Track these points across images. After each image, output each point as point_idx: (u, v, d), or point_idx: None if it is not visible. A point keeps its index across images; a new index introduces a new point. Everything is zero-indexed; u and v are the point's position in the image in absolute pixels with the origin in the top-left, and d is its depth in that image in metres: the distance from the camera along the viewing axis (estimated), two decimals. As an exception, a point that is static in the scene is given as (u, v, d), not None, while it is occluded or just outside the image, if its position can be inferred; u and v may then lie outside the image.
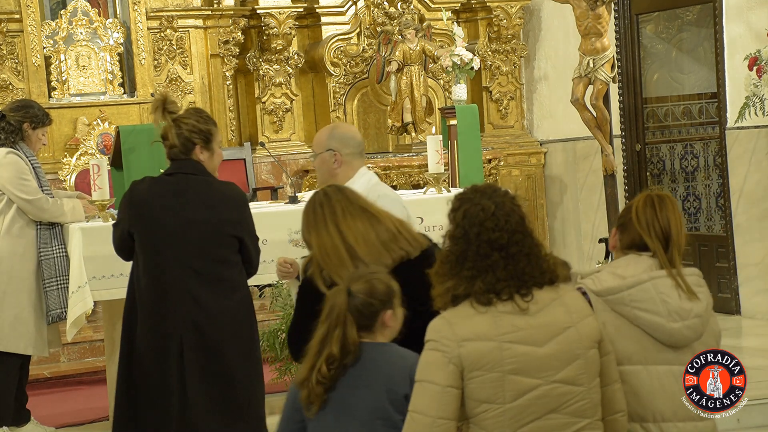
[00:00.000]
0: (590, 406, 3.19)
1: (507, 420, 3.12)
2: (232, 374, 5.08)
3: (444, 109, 9.13)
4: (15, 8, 9.29)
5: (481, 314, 3.14)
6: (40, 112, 6.68)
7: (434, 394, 3.13)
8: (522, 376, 3.12)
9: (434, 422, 3.12)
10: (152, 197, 5.18)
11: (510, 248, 3.17)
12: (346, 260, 4.18)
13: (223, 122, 10.06)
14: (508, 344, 3.12)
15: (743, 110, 8.64)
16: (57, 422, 6.88)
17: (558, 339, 3.16)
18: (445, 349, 3.13)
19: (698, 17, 9.87)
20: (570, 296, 3.25)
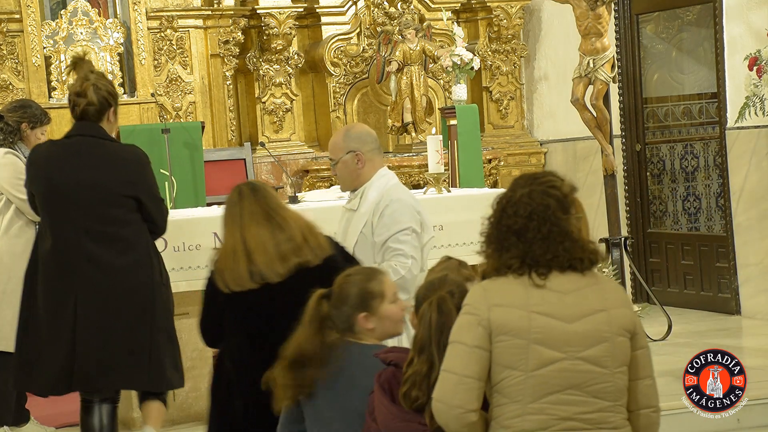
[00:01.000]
0: (613, 390, 3.26)
1: (528, 389, 3.22)
2: (128, 329, 5.20)
3: (444, 109, 9.13)
4: (15, 8, 9.29)
5: (516, 285, 3.29)
6: (38, 111, 6.67)
7: (462, 354, 3.26)
8: (546, 347, 3.22)
9: (461, 380, 3.24)
10: (48, 159, 5.33)
11: (526, 233, 3.31)
12: (241, 265, 4.35)
13: (223, 122, 10.06)
14: (537, 315, 3.24)
15: (743, 110, 8.64)
16: (57, 422, 6.88)
17: (587, 319, 3.26)
18: (476, 312, 3.28)
19: (698, 17, 9.87)
20: (610, 285, 3.37)
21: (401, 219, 4.97)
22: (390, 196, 5.05)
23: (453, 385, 3.25)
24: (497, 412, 3.28)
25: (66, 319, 5.21)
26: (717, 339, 7.84)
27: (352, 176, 5.11)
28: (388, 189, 5.08)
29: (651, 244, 9.86)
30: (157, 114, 9.59)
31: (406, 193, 5.21)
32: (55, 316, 5.24)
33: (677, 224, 10.02)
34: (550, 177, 3.42)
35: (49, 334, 5.24)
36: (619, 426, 3.29)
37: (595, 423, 3.25)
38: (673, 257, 9.59)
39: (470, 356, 3.25)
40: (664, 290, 9.56)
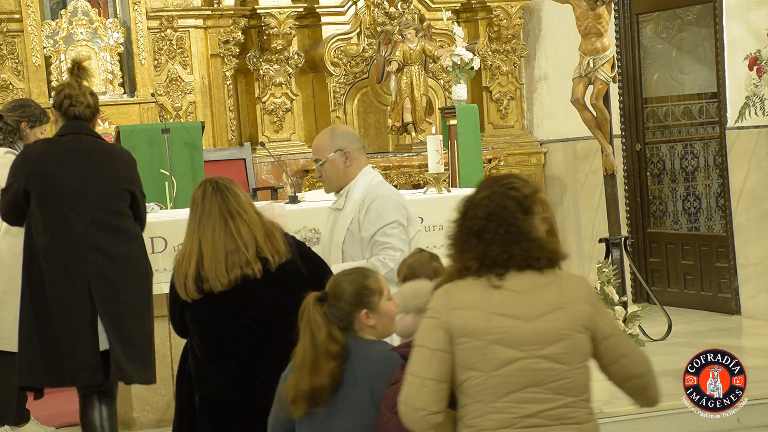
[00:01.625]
0: (573, 386, 3.33)
1: (489, 388, 3.29)
2: (133, 317, 5.42)
3: (444, 109, 9.13)
4: (15, 8, 9.29)
5: (477, 287, 3.35)
6: (37, 110, 6.67)
7: (425, 357, 3.33)
8: (505, 347, 3.28)
9: (423, 383, 3.31)
10: (48, 155, 5.50)
11: (485, 234, 3.38)
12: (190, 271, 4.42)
13: (223, 122, 10.06)
14: (496, 315, 3.30)
15: (743, 110, 8.64)
16: (57, 422, 6.88)
17: (546, 317, 3.32)
18: (437, 315, 3.35)
19: (698, 17, 9.87)
20: (569, 282, 3.44)
21: (387, 213, 5.03)
22: (375, 192, 5.11)
23: (416, 388, 3.32)
24: (462, 412, 3.35)
25: (84, 309, 5.35)
26: (717, 339, 7.84)
27: (340, 175, 5.16)
28: (372, 186, 5.14)
29: (651, 244, 9.86)
30: (157, 114, 9.59)
31: (390, 189, 5.29)
32: (69, 307, 5.35)
33: (677, 224, 10.02)
34: (511, 179, 3.49)
35: (68, 326, 5.35)
36: (583, 420, 3.36)
37: (558, 419, 3.31)
38: (673, 257, 9.59)
39: (431, 359, 3.32)
40: (664, 290, 9.56)
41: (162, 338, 6.52)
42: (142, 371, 5.49)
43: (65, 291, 5.37)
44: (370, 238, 5.00)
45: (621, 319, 7.65)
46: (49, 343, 5.39)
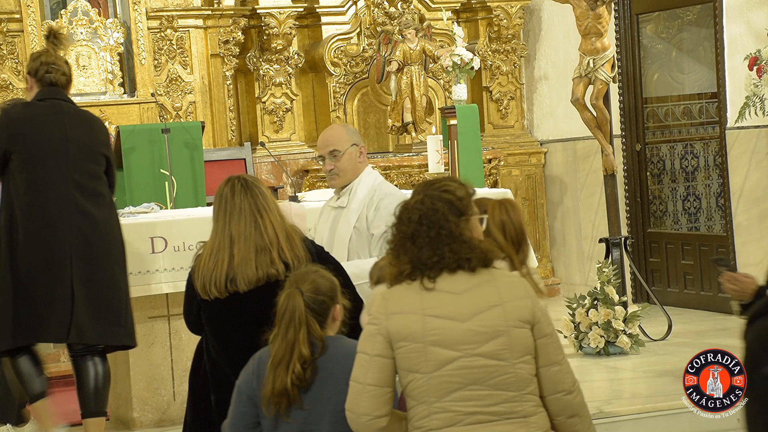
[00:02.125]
0: (514, 381, 3.38)
1: (431, 389, 3.36)
2: (111, 281, 5.51)
3: (444, 109, 9.12)
4: (15, 8, 9.29)
5: (413, 291, 3.43)
6: None
7: (365, 363, 3.43)
8: (442, 347, 3.36)
9: (364, 388, 3.40)
10: (30, 117, 5.59)
11: (417, 238, 3.45)
12: (219, 268, 4.40)
13: (223, 122, 10.06)
14: (431, 318, 3.38)
15: (743, 110, 8.63)
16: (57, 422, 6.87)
17: (481, 316, 3.38)
18: (376, 322, 3.44)
19: (698, 17, 9.87)
20: (504, 279, 3.49)
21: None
22: (383, 190, 5.14)
23: (357, 393, 3.41)
24: (410, 414, 3.42)
25: (64, 268, 5.42)
26: (717, 339, 7.84)
27: (354, 169, 5.19)
28: (377, 185, 5.18)
29: (651, 244, 9.86)
30: (157, 114, 9.59)
31: (395, 188, 5.36)
32: (50, 267, 5.43)
33: (677, 224, 10.01)
34: (446, 182, 3.56)
35: (49, 285, 5.43)
36: (530, 414, 3.41)
37: (502, 414, 3.37)
38: (673, 257, 9.59)
39: (371, 365, 3.41)
40: (664, 290, 9.56)
41: (162, 338, 6.52)
42: (113, 332, 5.53)
43: (46, 250, 5.43)
44: (380, 235, 5.01)
45: (621, 319, 7.65)
46: (28, 302, 5.44)
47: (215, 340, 4.51)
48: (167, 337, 6.48)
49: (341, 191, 5.26)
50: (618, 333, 7.62)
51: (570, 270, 10.50)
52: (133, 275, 6.23)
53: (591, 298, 7.74)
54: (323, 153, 5.24)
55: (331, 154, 5.19)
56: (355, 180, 5.19)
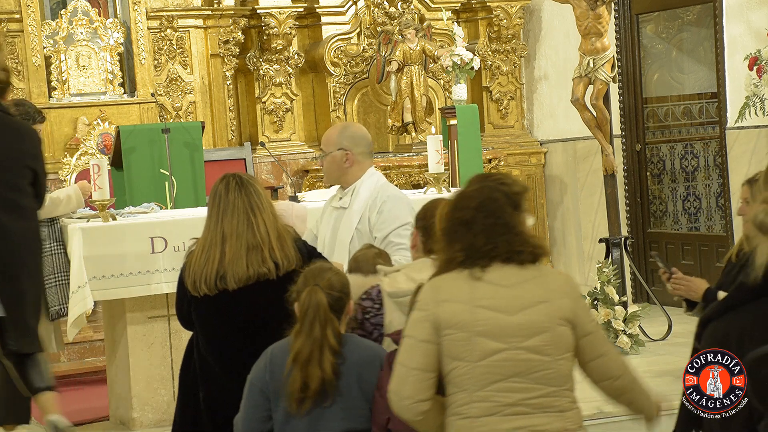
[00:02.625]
0: (555, 376, 3.45)
1: (474, 378, 3.42)
2: (23, 294, 5.49)
3: (444, 109, 9.12)
4: (15, 8, 9.28)
5: (463, 280, 3.47)
6: (31, 109, 6.72)
7: (412, 348, 3.47)
8: (488, 338, 3.42)
9: (410, 372, 3.44)
10: None
11: (473, 225, 3.48)
12: (210, 264, 4.39)
13: (223, 122, 10.06)
14: (480, 308, 3.43)
15: (743, 110, 8.64)
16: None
17: (528, 311, 3.44)
18: (425, 308, 3.48)
19: (698, 17, 9.87)
20: (552, 277, 3.55)
21: (401, 214, 5.06)
22: (386, 192, 5.14)
23: (403, 377, 3.46)
24: (450, 400, 3.48)
25: None
26: (717, 339, 7.83)
27: (337, 173, 5.20)
28: (380, 187, 5.17)
29: (651, 244, 9.85)
30: (157, 114, 9.59)
31: (397, 190, 5.35)
32: None
33: (677, 224, 10.02)
34: (501, 175, 3.62)
35: None
36: (566, 409, 3.48)
37: (541, 407, 3.44)
38: (673, 257, 9.59)
39: (418, 349, 3.45)
40: (664, 290, 9.55)
41: (162, 338, 6.52)
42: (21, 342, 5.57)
43: None
44: (383, 238, 5.02)
45: (621, 319, 7.65)
46: None
47: (204, 336, 4.53)
48: (167, 337, 6.49)
49: (343, 191, 5.26)
50: (618, 333, 7.62)
51: (570, 270, 10.50)
52: (133, 275, 6.24)
53: (591, 298, 7.74)
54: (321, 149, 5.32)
55: (321, 152, 5.25)
56: (357, 181, 5.19)
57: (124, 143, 7.64)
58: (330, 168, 5.21)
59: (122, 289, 6.34)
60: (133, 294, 6.38)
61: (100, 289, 6.26)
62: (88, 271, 6.21)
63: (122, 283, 6.31)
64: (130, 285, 6.31)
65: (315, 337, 3.81)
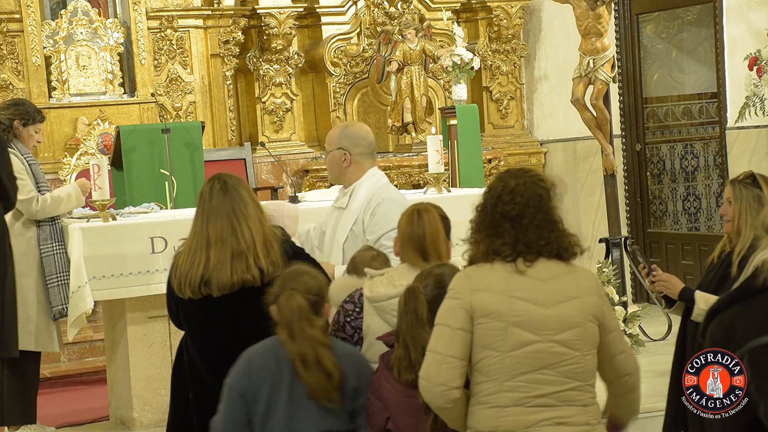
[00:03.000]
0: (582, 371, 3.50)
1: (504, 368, 3.44)
2: None
3: (444, 109, 9.12)
4: (15, 8, 9.28)
5: (497, 271, 3.50)
6: (31, 109, 6.70)
7: (446, 335, 3.48)
8: (523, 329, 3.44)
9: (444, 359, 3.46)
10: None
11: (522, 220, 3.50)
12: (195, 268, 4.34)
13: (223, 122, 10.06)
14: (516, 300, 3.46)
15: (743, 110, 8.64)
16: (57, 422, 6.88)
17: (562, 305, 3.48)
18: (459, 296, 3.49)
19: (698, 17, 9.87)
20: (583, 274, 3.59)
21: (393, 217, 5.01)
22: (381, 194, 5.11)
23: (437, 364, 3.46)
24: (476, 389, 3.50)
25: None
26: (717, 339, 7.82)
27: (337, 172, 5.20)
28: (378, 188, 5.13)
29: (651, 244, 9.86)
30: (157, 114, 9.58)
31: (396, 192, 5.31)
32: None
33: (677, 224, 10.02)
34: (535, 172, 3.65)
35: None
36: (588, 404, 3.53)
37: (566, 400, 3.48)
38: (673, 257, 9.59)
39: (453, 337, 3.46)
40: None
41: (162, 338, 6.52)
42: None
43: None
44: (375, 241, 4.99)
45: (621, 319, 7.65)
46: None
47: (191, 338, 4.53)
48: (167, 337, 6.48)
49: (344, 191, 5.25)
50: (618, 333, 7.61)
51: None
52: (133, 275, 6.24)
53: (591, 298, 7.73)
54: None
55: (325, 150, 5.25)
56: (356, 182, 5.18)
57: (124, 143, 7.64)
58: (330, 167, 5.22)
59: (122, 289, 6.33)
60: (133, 294, 6.37)
61: (100, 289, 6.26)
62: (88, 271, 6.21)
63: (122, 283, 6.31)
64: (130, 285, 6.31)
65: (309, 337, 3.82)
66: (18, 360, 6.40)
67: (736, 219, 4.69)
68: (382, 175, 5.28)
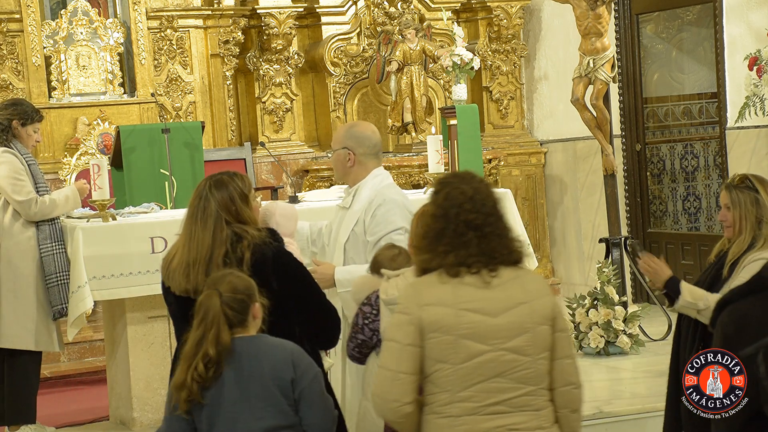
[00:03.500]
0: (534, 375, 3.50)
1: (457, 379, 3.45)
2: None
3: (444, 109, 9.12)
4: (15, 8, 9.28)
5: (444, 284, 3.49)
6: (28, 108, 6.71)
7: (396, 351, 3.48)
8: (473, 341, 3.45)
9: (396, 376, 3.47)
10: None
11: (484, 228, 3.50)
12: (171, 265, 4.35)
13: (223, 122, 10.06)
14: (465, 312, 3.45)
15: (743, 110, 8.64)
16: (57, 422, 6.88)
17: (511, 312, 3.48)
18: (408, 311, 3.49)
19: (698, 17, 9.87)
20: (530, 277, 3.58)
21: (394, 219, 5.00)
22: (383, 195, 5.08)
23: (389, 381, 3.47)
24: (429, 399, 3.50)
25: None
26: (717, 339, 7.82)
27: (341, 171, 5.19)
28: (381, 189, 5.11)
29: (651, 244, 9.86)
30: (157, 114, 9.59)
31: (399, 193, 5.24)
32: None
33: (677, 224, 10.02)
34: (479, 176, 3.62)
35: None
36: (542, 407, 3.53)
37: (519, 406, 3.49)
38: (673, 257, 9.59)
39: (403, 353, 3.46)
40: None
41: (162, 338, 6.53)
42: None
43: None
44: (375, 243, 4.96)
45: (621, 319, 7.65)
46: None
47: (176, 330, 4.58)
48: (167, 337, 6.49)
49: (349, 191, 5.23)
50: (618, 333, 7.62)
51: (570, 270, 10.50)
52: (133, 275, 6.24)
53: (591, 298, 7.74)
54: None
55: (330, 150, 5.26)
56: (360, 182, 5.16)
57: (124, 143, 7.64)
58: (335, 166, 5.22)
59: (122, 289, 6.34)
60: (133, 294, 6.38)
61: (100, 289, 6.26)
62: (88, 271, 6.21)
63: (122, 283, 6.31)
64: (130, 285, 6.31)
65: (196, 338, 3.87)
66: (18, 359, 6.41)
67: (737, 224, 4.68)
68: (386, 175, 5.25)
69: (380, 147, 5.27)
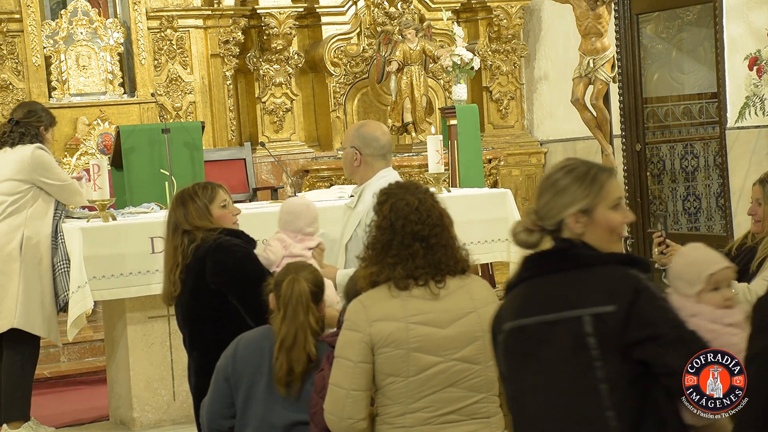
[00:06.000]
0: (485, 383, 3.51)
1: (410, 391, 3.45)
2: None
3: (444, 109, 9.12)
4: (15, 8, 9.29)
5: (393, 298, 3.47)
6: (43, 113, 6.92)
7: (348, 369, 3.46)
8: (424, 353, 3.44)
9: (348, 393, 3.45)
10: None
11: (430, 239, 3.49)
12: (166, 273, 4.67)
13: (223, 122, 10.06)
14: (414, 325, 3.44)
15: (743, 110, 8.64)
16: (57, 422, 6.88)
17: (459, 322, 3.48)
18: (358, 329, 3.46)
19: (698, 17, 9.88)
20: (476, 285, 3.58)
21: None
22: None
23: (342, 399, 3.46)
24: (382, 411, 3.51)
25: None
26: (717, 339, 7.83)
27: (349, 170, 5.19)
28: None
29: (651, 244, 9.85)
30: (157, 114, 9.59)
31: None
32: None
33: (677, 224, 10.02)
34: (422, 185, 3.63)
35: None
36: (492, 414, 3.55)
37: (470, 414, 3.50)
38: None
39: (355, 371, 3.45)
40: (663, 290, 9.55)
41: (162, 338, 6.52)
42: None
43: None
44: None
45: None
46: None
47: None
48: (167, 337, 6.48)
49: (356, 191, 5.23)
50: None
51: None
52: (133, 275, 6.23)
53: (591, 298, 7.73)
54: None
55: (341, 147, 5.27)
56: (366, 183, 5.16)
57: (124, 143, 7.64)
58: (344, 164, 5.23)
59: (122, 289, 6.33)
60: (133, 294, 6.37)
61: (100, 289, 6.25)
62: (88, 271, 6.20)
63: (122, 283, 6.30)
64: (130, 285, 6.31)
65: (299, 323, 3.88)
66: (17, 357, 6.41)
67: (767, 219, 4.67)
68: (392, 177, 5.22)
69: (389, 148, 5.23)
